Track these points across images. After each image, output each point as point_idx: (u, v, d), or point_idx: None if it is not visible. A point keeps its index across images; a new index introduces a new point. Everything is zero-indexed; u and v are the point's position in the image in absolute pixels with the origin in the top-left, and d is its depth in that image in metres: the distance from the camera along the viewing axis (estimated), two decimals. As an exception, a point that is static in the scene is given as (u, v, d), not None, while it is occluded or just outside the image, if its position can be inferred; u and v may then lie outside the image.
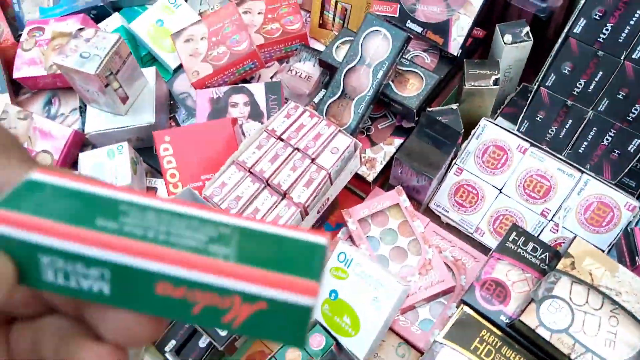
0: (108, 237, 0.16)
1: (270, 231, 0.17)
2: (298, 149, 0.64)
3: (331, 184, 0.65)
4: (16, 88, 0.88)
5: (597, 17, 0.63)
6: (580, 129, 0.68)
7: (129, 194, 0.18)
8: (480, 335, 0.54)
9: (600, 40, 0.64)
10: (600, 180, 0.65)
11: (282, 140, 0.65)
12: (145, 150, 0.80)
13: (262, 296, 0.16)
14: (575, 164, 0.67)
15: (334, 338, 0.58)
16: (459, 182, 0.69)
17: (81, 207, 0.17)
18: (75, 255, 0.16)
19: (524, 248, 0.57)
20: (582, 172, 0.66)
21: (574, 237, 0.55)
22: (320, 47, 0.85)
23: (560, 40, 0.66)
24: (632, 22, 0.61)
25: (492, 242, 0.67)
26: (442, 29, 0.71)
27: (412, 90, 0.69)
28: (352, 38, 0.73)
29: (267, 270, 0.16)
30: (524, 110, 0.70)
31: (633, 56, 0.62)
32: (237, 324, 0.16)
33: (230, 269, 0.16)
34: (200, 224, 0.17)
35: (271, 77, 0.86)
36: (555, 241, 0.65)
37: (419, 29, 0.72)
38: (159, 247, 0.16)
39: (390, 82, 0.69)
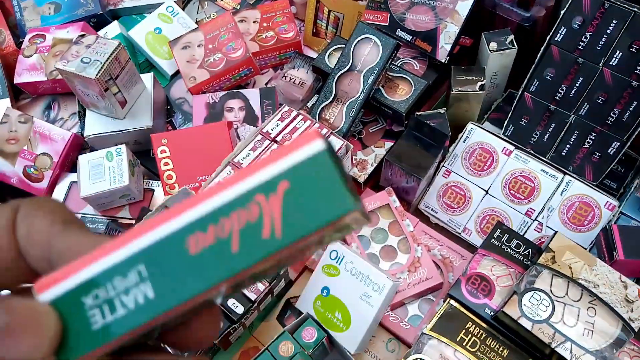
0: (124, 236, 0.16)
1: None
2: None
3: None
4: (16, 93, 0.90)
5: (576, 26, 0.67)
6: (562, 132, 0.71)
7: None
8: (466, 327, 0.56)
9: (580, 47, 0.67)
10: (581, 181, 0.68)
11: (276, 142, 0.68)
12: (142, 153, 0.82)
13: (277, 175, 0.14)
14: (558, 166, 0.69)
15: (326, 331, 0.60)
16: (447, 184, 0.72)
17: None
18: (111, 270, 0.16)
19: (508, 244, 0.60)
20: (565, 173, 0.69)
21: (555, 233, 0.57)
22: (313, 54, 0.88)
23: (542, 48, 0.69)
24: (608, 31, 0.65)
25: (479, 241, 0.69)
26: (431, 37, 0.74)
27: (401, 95, 0.71)
28: (344, 45, 0.75)
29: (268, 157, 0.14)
30: (509, 114, 0.73)
31: (610, 63, 0.65)
32: (278, 228, 0.14)
33: (236, 176, 0.15)
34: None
35: (266, 84, 0.88)
36: (540, 239, 0.68)
37: (408, 37, 0.75)
38: (169, 211, 0.15)
39: (381, 87, 0.72)
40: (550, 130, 0.71)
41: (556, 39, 0.69)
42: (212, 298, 0.16)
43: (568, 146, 0.71)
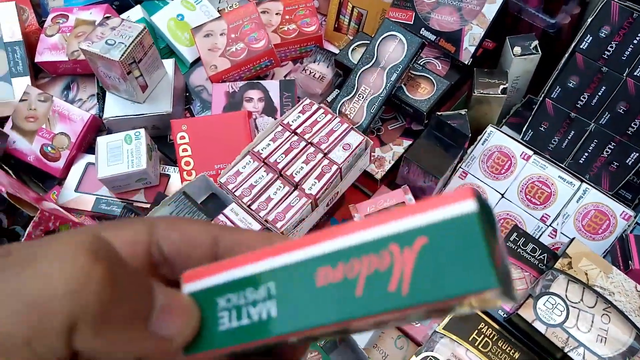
0: (265, 250, 0.16)
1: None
2: (311, 143, 0.67)
3: (341, 179, 0.68)
4: (35, 72, 0.91)
5: (603, 34, 0.67)
6: (581, 140, 0.71)
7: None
8: (479, 327, 0.56)
9: (605, 56, 0.67)
10: (598, 190, 0.68)
11: (296, 134, 0.68)
12: (159, 138, 0.82)
13: (417, 228, 0.13)
14: (575, 173, 0.70)
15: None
16: (463, 186, 0.72)
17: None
18: (246, 279, 0.16)
19: (524, 248, 0.60)
20: (582, 180, 0.69)
21: (572, 239, 0.58)
22: (334, 49, 0.88)
23: (567, 55, 0.70)
24: (635, 41, 0.65)
25: (492, 244, 0.69)
26: (455, 38, 0.74)
27: (423, 94, 0.72)
28: (367, 41, 0.76)
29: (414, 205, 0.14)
30: (529, 119, 0.73)
31: (635, 73, 0.65)
32: (406, 284, 0.13)
33: (376, 219, 0.14)
34: None
35: (285, 76, 0.88)
36: (553, 246, 0.68)
37: (432, 37, 0.75)
38: (308, 237, 0.15)
39: (403, 85, 0.72)
40: (569, 137, 0.72)
41: (581, 46, 0.69)
42: (321, 335, 0.15)
43: (586, 154, 0.71)
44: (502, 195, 0.71)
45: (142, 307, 0.16)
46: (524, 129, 0.73)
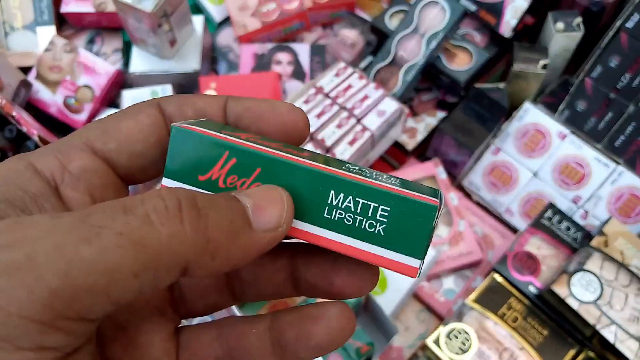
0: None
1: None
2: (345, 108, 0.65)
3: (372, 147, 0.66)
4: (59, 24, 0.88)
5: (651, 13, 0.65)
6: (619, 122, 0.69)
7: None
8: (508, 302, 0.55)
9: (652, 36, 0.65)
10: (633, 173, 0.67)
11: (329, 97, 0.66)
12: (184, 97, 0.81)
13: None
14: (611, 155, 0.68)
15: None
16: (495, 162, 0.71)
17: None
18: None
19: (558, 226, 0.59)
20: (617, 163, 0.68)
21: (609, 218, 0.57)
22: (366, 17, 0.86)
23: (611, 34, 0.67)
24: (686, 21, 0.63)
25: (520, 223, 0.68)
26: (496, 9, 0.72)
27: (461, 65, 0.70)
28: (405, 8, 0.73)
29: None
30: (566, 98, 0.71)
31: (683, 55, 0.63)
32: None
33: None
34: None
35: (314, 42, 0.86)
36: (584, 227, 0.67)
37: (473, 7, 0.73)
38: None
39: (441, 55, 0.70)
40: (606, 119, 0.70)
41: (627, 25, 0.67)
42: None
43: (622, 137, 0.69)
44: (535, 174, 0.69)
45: (238, 217, 0.15)
46: (560, 108, 0.72)
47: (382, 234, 0.17)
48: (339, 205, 0.17)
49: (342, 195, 0.17)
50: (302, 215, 0.17)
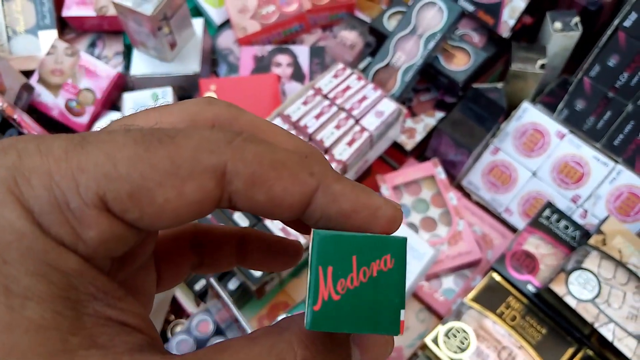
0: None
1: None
2: (343, 109, 0.65)
3: (371, 147, 0.67)
4: (61, 28, 0.89)
5: (649, 12, 0.65)
6: (618, 121, 0.69)
7: None
8: (507, 301, 0.55)
9: (650, 35, 0.65)
10: (632, 172, 0.67)
11: (327, 99, 0.67)
12: (184, 99, 0.81)
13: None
14: (610, 154, 0.68)
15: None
16: (494, 162, 0.71)
17: None
18: None
19: (556, 225, 0.59)
20: (616, 162, 0.68)
21: (607, 216, 0.57)
22: (366, 19, 0.87)
23: (609, 33, 0.68)
24: (684, 20, 0.63)
25: (519, 222, 0.68)
26: (494, 10, 0.72)
27: (459, 65, 0.70)
28: (403, 9, 0.74)
29: None
30: (565, 98, 0.71)
31: (681, 53, 0.64)
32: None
33: None
34: None
35: (314, 44, 0.87)
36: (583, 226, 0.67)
37: (471, 8, 0.73)
38: None
39: (439, 55, 0.71)
40: (605, 118, 0.70)
41: (624, 24, 0.67)
42: None
43: (621, 136, 0.69)
44: (534, 173, 0.70)
45: None
46: (559, 107, 0.72)
47: None
48: None
49: None
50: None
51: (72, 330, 0.13)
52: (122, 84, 0.83)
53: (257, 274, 0.59)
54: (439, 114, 0.72)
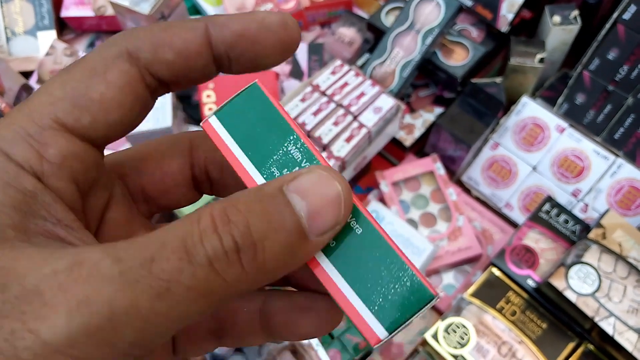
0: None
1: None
2: (341, 105, 0.65)
3: (370, 143, 0.66)
4: (60, 28, 0.90)
5: (648, 4, 0.64)
6: (618, 115, 0.69)
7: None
8: (507, 296, 0.55)
9: (649, 27, 0.65)
10: (633, 165, 0.67)
11: (326, 95, 0.67)
12: (182, 99, 0.81)
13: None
14: (610, 148, 0.68)
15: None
16: (494, 157, 0.71)
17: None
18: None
19: (556, 219, 0.59)
20: (617, 155, 0.67)
21: (607, 210, 0.56)
22: (364, 15, 0.86)
23: (608, 26, 0.67)
24: (683, 11, 0.62)
25: (520, 217, 0.68)
26: (493, 4, 0.72)
27: (458, 60, 0.70)
28: (401, 5, 0.74)
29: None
30: (564, 91, 0.71)
31: (681, 45, 0.63)
32: None
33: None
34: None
35: (312, 41, 0.87)
36: (584, 220, 0.66)
37: (469, 3, 0.73)
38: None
39: (437, 51, 0.71)
40: (605, 111, 0.70)
41: (624, 17, 0.66)
42: None
43: (622, 129, 0.69)
44: (534, 168, 0.69)
45: (295, 235, 0.15)
46: (558, 102, 0.71)
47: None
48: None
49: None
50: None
51: (14, 227, 0.14)
52: (122, 84, 0.83)
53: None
54: (438, 110, 0.72)
